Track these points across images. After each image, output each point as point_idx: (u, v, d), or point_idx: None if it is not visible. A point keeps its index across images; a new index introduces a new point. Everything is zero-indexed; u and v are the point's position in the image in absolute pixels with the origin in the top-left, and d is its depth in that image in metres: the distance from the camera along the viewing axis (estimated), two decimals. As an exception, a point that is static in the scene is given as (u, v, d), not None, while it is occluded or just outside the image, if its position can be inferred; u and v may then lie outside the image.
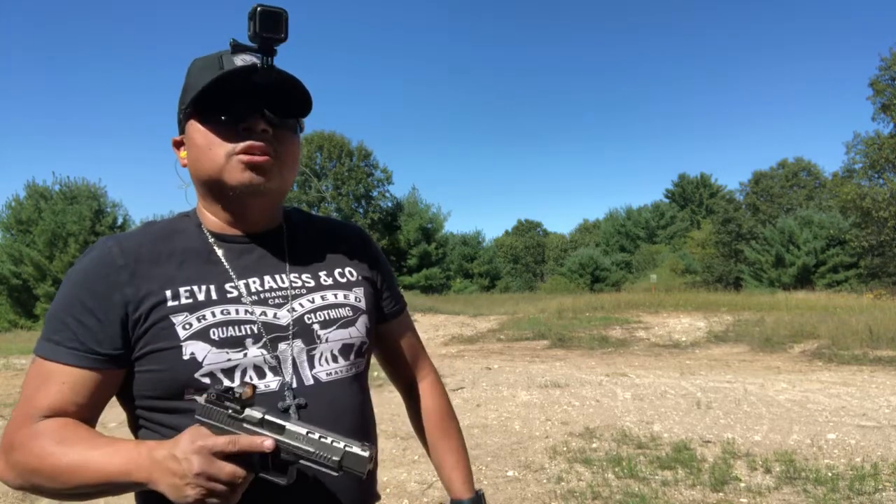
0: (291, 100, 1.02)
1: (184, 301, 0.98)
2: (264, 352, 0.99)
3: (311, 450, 0.87)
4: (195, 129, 1.02)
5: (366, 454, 0.87)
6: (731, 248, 41.39)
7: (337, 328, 1.07)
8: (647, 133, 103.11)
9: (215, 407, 0.87)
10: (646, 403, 6.83)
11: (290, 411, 0.97)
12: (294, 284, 1.08)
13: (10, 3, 72.85)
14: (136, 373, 0.98)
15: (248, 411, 0.87)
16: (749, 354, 11.06)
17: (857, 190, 29.26)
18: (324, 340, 1.05)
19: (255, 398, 0.88)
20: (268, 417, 0.87)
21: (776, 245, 36.73)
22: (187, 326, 0.96)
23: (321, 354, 1.04)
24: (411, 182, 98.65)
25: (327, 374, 1.04)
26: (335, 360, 1.06)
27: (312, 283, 1.10)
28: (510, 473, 4.65)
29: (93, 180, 33.44)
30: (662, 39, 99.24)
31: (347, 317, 1.10)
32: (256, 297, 1.03)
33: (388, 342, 1.27)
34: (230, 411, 0.87)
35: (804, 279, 33.92)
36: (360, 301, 1.13)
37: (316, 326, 1.06)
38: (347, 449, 0.87)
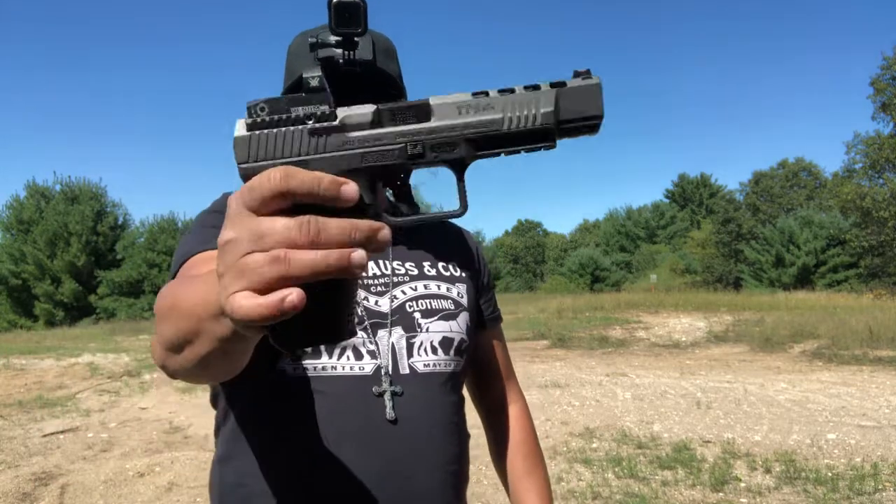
0: (387, 84, 0.98)
1: None
2: (364, 335, 0.96)
3: (497, 116, 0.48)
4: None
5: (595, 80, 0.52)
6: (731, 248, 41.35)
7: (438, 319, 1.03)
8: (646, 133, 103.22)
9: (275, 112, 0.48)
10: (646, 403, 6.83)
11: (385, 398, 0.93)
12: (397, 271, 1.04)
13: (12, 3, 72.90)
14: None
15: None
16: (749, 354, 11.06)
17: (857, 190, 29.21)
18: (424, 330, 1.01)
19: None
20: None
21: (776, 245, 36.70)
22: None
23: (421, 344, 1.00)
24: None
25: (424, 364, 1.00)
26: (434, 351, 1.01)
27: (416, 272, 1.06)
28: (510, 473, 4.66)
29: (94, 180, 33.55)
30: (662, 39, 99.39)
31: (449, 310, 1.05)
32: (359, 283, 0.98)
33: (482, 353, 1.18)
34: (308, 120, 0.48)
35: (804, 279, 33.89)
36: (462, 297, 1.08)
37: (417, 315, 1.02)
38: (560, 87, 0.51)
